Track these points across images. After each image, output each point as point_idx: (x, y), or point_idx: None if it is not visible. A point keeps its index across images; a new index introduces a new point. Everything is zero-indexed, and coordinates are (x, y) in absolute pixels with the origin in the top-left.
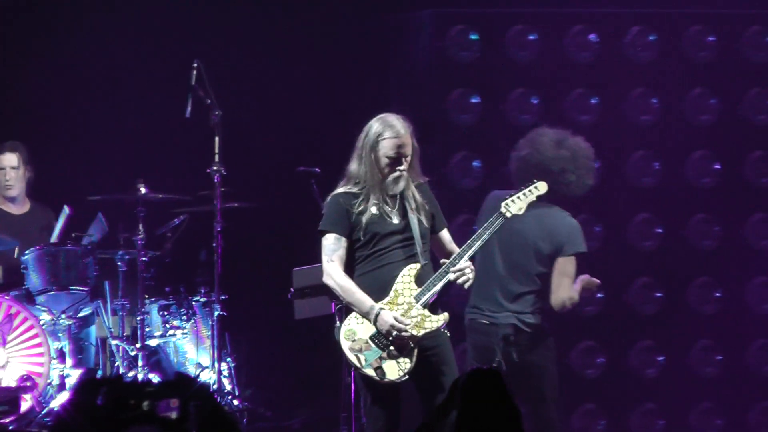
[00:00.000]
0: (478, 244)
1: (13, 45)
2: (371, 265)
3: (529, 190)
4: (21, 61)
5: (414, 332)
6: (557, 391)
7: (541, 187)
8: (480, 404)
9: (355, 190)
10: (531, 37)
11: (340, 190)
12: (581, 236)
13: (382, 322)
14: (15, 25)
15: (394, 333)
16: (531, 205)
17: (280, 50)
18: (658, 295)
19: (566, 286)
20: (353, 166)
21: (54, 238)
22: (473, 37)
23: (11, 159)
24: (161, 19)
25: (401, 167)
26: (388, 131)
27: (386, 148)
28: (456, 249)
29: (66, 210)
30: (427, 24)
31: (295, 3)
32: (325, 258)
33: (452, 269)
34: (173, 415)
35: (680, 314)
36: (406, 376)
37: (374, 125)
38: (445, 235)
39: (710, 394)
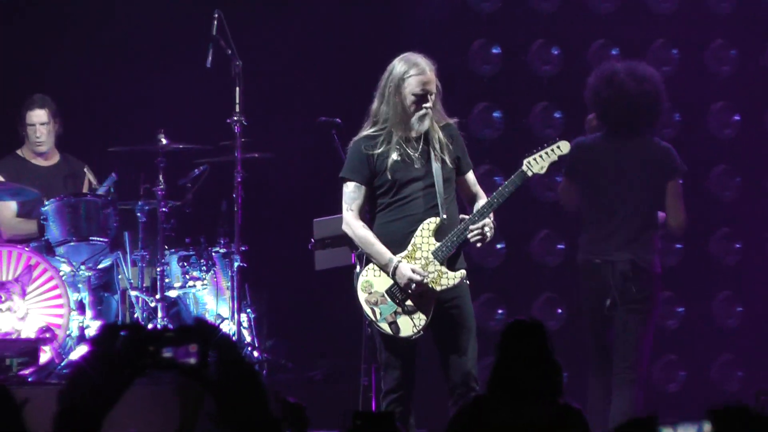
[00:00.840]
0: (497, 200)
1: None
2: (391, 216)
3: (552, 150)
4: (43, 13)
5: (431, 288)
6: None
7: (564, 147)
8: (517, 356)
9: (376, 131)
10: None
11: (362, 134)
12: (678, 156)
13: (400, 274)
14: None
15: (413, 286)
16: (624, 138)
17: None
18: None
19: (682, 207)
20: (375, 105)
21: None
22: None
23: (41, 115)
24: None
25: (427, 104)
26: (413, 69)
27: (412, 85)
28: (480, 192)
29: (113, 176)
30: None
31: None
32: (344, 206)
33: (470, 227)
34: (192, 361)
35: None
36: (421, 333)
37: (398, 64)
38: (470, 177)
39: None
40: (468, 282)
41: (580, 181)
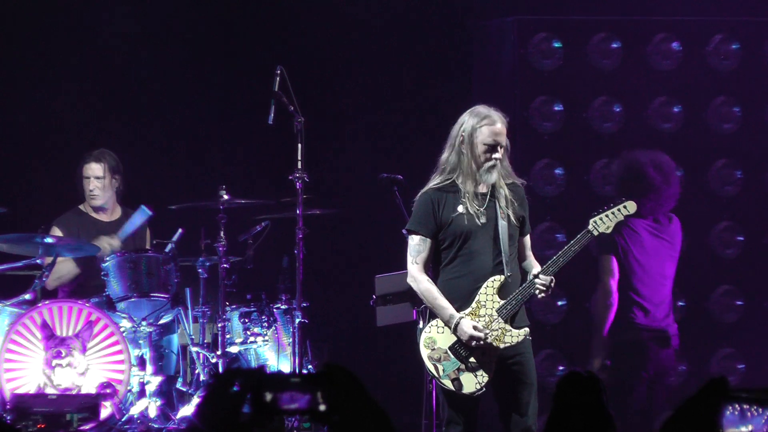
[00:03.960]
0: (562, 259)
1: (100, 52)
2: (455, 272)
3: (618, 210)
4: (110, 68)
5: (494, 345)
6: None
7: (630, 207)
8: (571, 407)
9: (445, 183)
10: (614, 45)
11: (430, 185)
12: None
13: (461, 331)
14: (102, 35)
15: (473, 343)
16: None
17: (363, 56)
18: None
19: None
20: (445, 155)
21: (123, 234)
22: (556, 44)
23: (96, 169)
24: (245, 25)
25: (497, 155)
26: (486, 120)
27: (484, 134)
28: (532, 257)
29: (180, 231)
30: (510, 31)
31: (378, 10)
32: (410, 259)
33: (538, 283)
34: (321, 407)
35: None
36: (483, 389)
37: (471, 114)
38: (527, 240)
39: None
40: (530, 338)
41: None
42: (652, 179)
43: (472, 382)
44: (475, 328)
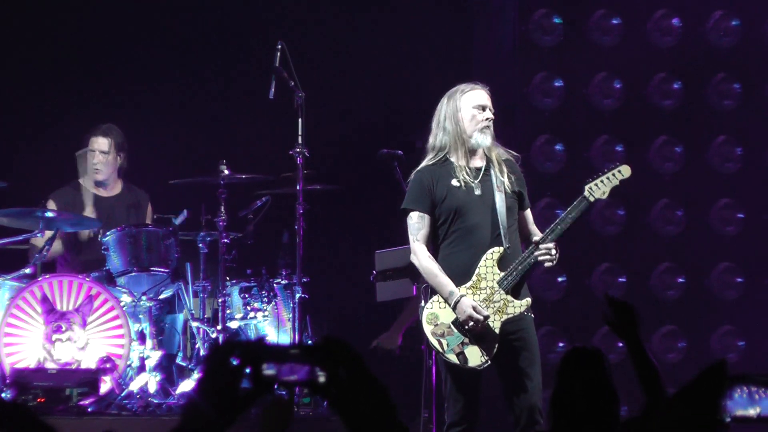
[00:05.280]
0: (560, 227)
1: (101, 29)
2: (454, 247)
3: (613, 174)
4: (110, 45)
5: (496, 318)
6: None
7: (625, 171)
8: (575, 383)
9: (437, 160)
10: (614, 21)
11: (422, 165)
12: None
13: (460, 309)
14: (103, 12)
15: (470, 324)
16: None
17: (362, 32)
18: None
19: None
20: (432, 137)
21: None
22: (557, 20)
23: (102, 143)
24: (246, 0)
25: (487, 115)
26: (466, 87)
27: (469, 98)
28: (536, 230)
29: (185, 213)
30: (510, 7)
31: None
32: (411, 237)
33: (540, 250)
34: (321, 379)
35: None
36: (488, 362)
37: (447, 95)
38: (528, 214)
39: None
40: (532, 315)
41: None
42: None
43: (477, 356)
44: (474, 308)
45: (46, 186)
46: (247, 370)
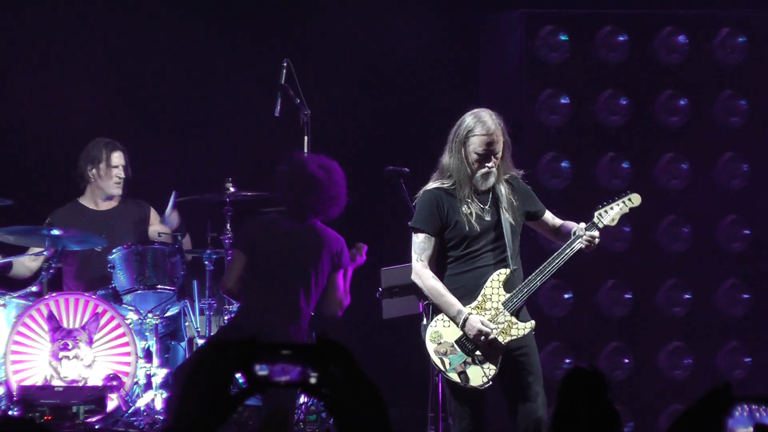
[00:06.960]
0: (568, 254)
1: (107, 45)
2: (461, 268)
3: (623, 202)
4: (116, 61)
5: (500, 339)
6: None
7: (635, 200)
8: (576, 403)
9: (447, 184)
10: (621, 38)
11: (432, 185)
12: None
13: (469, 326)
14: (109, 27)
15: (482, 338)
16: None
17: (368, 49)
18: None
19: None
20: (445, 158)
21: (167, 212)
22: (563, 37)
23: (120, 158)
24: (252, 18)
25: (489, 164)
26: (478, 127)
27: (475, 144)
28: (569, 222)
29: (174, 194)
30: (517, 24)
31: (384, 3)
32: (414, 256)
33: (583, 234)
34: (312, 380)
35: None
36: (490, 383)
37: (466, 119)
38: (548, 216)
39: None
40: (534, 332)
41: None
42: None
43: (479, 376)
44: (482, 323)
45: (51, 204)
46: (238, 371)
